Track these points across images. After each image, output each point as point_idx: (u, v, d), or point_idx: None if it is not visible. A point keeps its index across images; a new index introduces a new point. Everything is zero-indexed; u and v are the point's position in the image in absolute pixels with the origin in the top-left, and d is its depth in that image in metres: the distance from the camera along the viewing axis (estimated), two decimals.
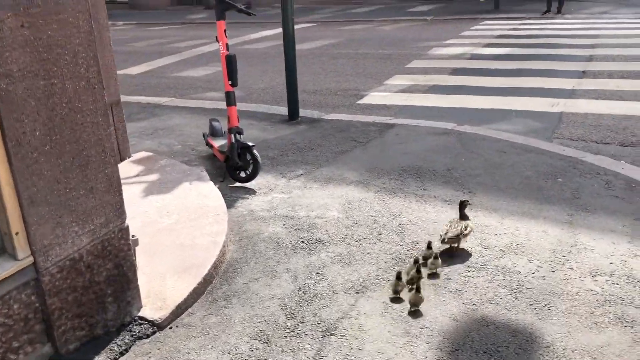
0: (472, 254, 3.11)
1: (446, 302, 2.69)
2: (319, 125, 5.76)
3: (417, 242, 3.25)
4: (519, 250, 3.12)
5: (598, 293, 2.70)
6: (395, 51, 10.21)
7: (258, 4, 19.93)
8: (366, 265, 3.04)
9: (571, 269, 2.92)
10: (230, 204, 3.85)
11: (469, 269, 2.96)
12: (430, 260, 2.88)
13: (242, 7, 4.27)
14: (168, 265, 2.96)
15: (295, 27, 5.95)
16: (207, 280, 2.89)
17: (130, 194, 3.80)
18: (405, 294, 2.68)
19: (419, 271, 2.76)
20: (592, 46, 9.40)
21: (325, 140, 5.21)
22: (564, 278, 2.84)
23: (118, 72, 4.68)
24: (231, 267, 3.09)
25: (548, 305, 2.62)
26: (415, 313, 2.60)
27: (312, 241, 3.32)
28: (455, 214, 3.24)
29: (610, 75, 7.35)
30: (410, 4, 18.39)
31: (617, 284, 2.77)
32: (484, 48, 9.92)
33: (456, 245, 3.09)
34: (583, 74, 7.49)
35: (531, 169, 4.30)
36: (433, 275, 2.90)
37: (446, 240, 3.01)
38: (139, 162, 4.58)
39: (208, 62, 10.32)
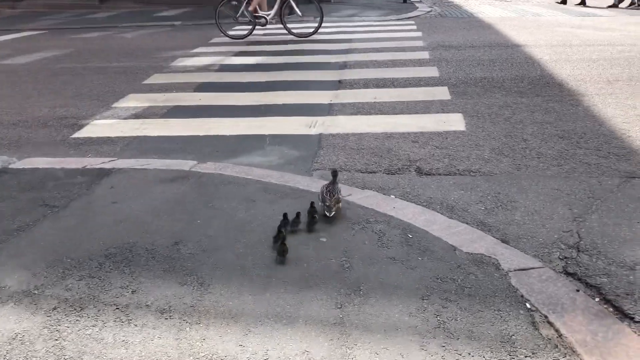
0: None
1: None
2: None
3: None
4: None
5: None
6: (133, 63, 8.60)
7: None
8: None
9: None
10: None
11: None
12: None
13: None
14: None
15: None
16: None
17: None
18: None
19: None
20: (346, 51, 8.99)
21: None
22: None
23: None
24: None
25: None
26: None
27: None
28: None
29: (367, 84, 6.82)
30: (157, 9, 16.73)
31: None
32: (234, 57, 8.87)
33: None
34: (339, 84, 6.85)
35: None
36: None
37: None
38: None
39: None
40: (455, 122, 5.28)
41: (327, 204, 3.27)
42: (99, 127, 5.53)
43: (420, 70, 7.45)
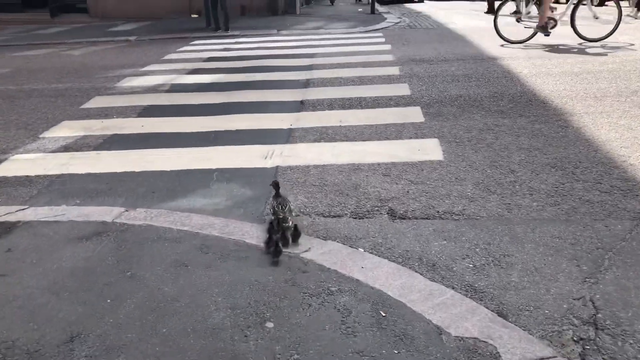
0: None
1: None
2: None
3: None
4: None
5: None
6: (75, 84, 7.77)
7: None
8: None
9: None
10: None
11: None
12: None
13: None
14: None
15: None
16: None
17: None
18: None
19: None
20: (310, 67, 8.31)
21: None
22: None
23: None
24: None
25: None
26: None
27: None
28: None
29: (331, 105, 6.13)
30: (113, 23, 15.86)
31: None
32: (188, 75, 8.10)
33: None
34: (301, 105, 6.15)
35: (227, 310, 2.48)
36: None
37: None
38: None
39: None
40: (431, 149, 4.61)
41: (281, 216, 3.08)
42: (17, 164, 4.72)
43: (390, 88, 6.81)
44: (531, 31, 9.65)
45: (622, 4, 9.42)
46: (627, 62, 7.80)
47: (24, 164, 4.72)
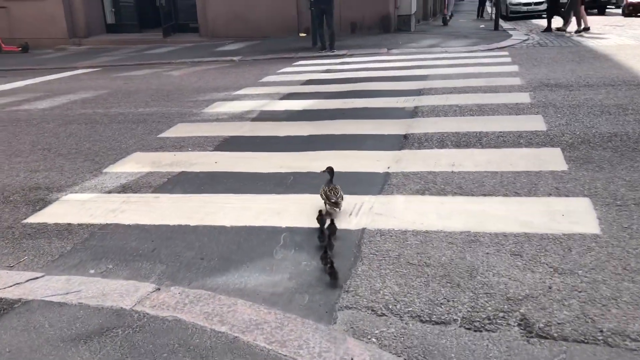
0: None
1: None
2: None
3: None
4: None
5: None
6: (161, 108, 7.24)
7: (38, 45, 16.21)
8: None
9: None
10: None
11: None
12: None
13: None
14: None
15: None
16: None
17: None
18: None
19: None
20: (419, 92, 7.16)
21: None
22: None
23: None
24: None
25: None
26: None
27: None
28: None
29: (442, 142, 4.95)
30: (221, 42, 15.70)
31: None
32: (280, 101, 7.28)
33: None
34: (404, 141, 5.03)
35: None
36: None
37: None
38: None
39: None
40: (580, 215, 3.31)
41: (333, 200, 3.28)
42: (66, 206, 4.05)
43: (519, 120, 5.49)
44: None
45: None
46: None
47: (73, 206, 4.04)
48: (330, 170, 3.52)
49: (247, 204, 3.82)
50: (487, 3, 23.57)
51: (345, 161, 4.53)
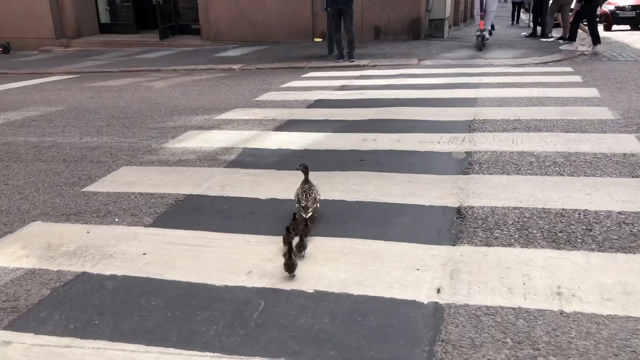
0: None
1: None
2: None
3: None
4: None
5: None
6: (110, 139, 5.31)
7: (23, 45, 14.53)
8: None
9: None
10: None
11: None
12: None
13: None
14: None
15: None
16: None
17: None
18: None
19: None
20: (469, 125, 5.14)
21: None
22: None
23: None
24: None
25: None
26: None
27: None
28: None
29: (523, 225, 2.92)
30: (224, 47, 13.78)
31: None
32: (273, 134, 5.28)
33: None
34: (459, 222, 3.01)
35: None
36: None
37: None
38: None
39: None
40: None
41: (303, 204, 2.92)
42: None
43: (636, 184, 3.43)
44: None
45: None
46: None
47: None
48: (304, 168, 3.06)
49: None
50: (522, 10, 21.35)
51: (356, 266, 2.51)
